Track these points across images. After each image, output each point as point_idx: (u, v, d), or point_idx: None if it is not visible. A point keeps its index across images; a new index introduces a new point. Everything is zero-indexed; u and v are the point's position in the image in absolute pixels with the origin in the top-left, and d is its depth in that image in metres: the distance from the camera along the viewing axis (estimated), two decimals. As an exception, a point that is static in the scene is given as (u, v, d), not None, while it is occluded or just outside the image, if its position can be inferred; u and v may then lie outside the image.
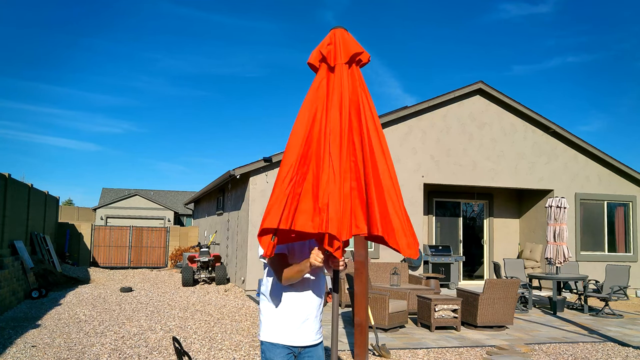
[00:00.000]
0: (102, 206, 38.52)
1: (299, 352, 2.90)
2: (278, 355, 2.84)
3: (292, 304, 2.86)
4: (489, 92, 13.82)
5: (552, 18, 72.26)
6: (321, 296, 2.95)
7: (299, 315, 2.85)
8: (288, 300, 2.86)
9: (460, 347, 7.09)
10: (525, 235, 15.23)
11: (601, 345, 7.48)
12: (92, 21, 74.50)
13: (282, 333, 2.85)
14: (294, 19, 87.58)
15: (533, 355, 6.75)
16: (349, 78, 2.74)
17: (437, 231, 14.99)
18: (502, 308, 8.33)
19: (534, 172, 14.16)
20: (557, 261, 10.71)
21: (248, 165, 12.14)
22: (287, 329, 2.85)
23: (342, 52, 2.73)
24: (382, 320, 7.74)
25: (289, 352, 2.87)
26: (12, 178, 12.04)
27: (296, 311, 2.85)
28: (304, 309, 2.86)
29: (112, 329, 7.84)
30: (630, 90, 77.74)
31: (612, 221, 14.96)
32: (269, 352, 2.86)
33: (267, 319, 2.92)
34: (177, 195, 47.44)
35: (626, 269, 10.37)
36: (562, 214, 10.85)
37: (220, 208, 16.75)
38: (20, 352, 6.31)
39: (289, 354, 2.86)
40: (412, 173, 13.22)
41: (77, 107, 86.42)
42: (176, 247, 21.11)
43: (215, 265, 14.14)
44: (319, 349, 2.97)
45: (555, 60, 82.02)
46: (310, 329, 2.88)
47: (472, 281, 14.98)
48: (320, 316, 2.97)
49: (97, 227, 20.68)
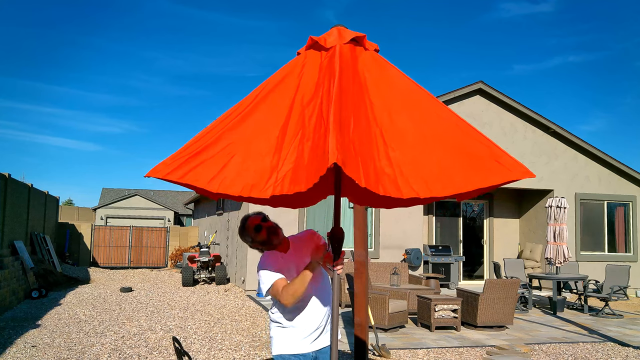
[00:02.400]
0: (102, 206, 38.50)
1: (313, 356, 2.93)
2: None
3: (303, 315, 2.87)
4: (489, 92, 13.82)
5: (553, 17, 72.24)
6: (329, 300, 2.94)
7: (311, 325, 2.88)
8: (299, 312, 2.87)
9: (460, 347, 7.09)
10: (525, 235, 15.23)
11: (601, 345, 7.48)
12: (91, 20, 74.49)
13: (296, 344, 2.88)
14: (294, 17, 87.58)
15: (533, 355, 6.75)
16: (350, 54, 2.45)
17: (437, 231, 14.99)
18: (502, 308, 8.33)
19: (534, 172, 14.14)
20: (557, 261, 10.71)
21: (248, 165, 12.12)
22: (300, 339, 2.88)
23: (337, 36, 2.51)
24: (382, 320, 7.74)
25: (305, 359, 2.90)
26: (12, 178, 12.04)
27: (308, 321, 2.87)
28: (315, 318, 2.88)
29: (112, 329, 7.84)
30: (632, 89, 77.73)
31: (612, 221, 14.95)
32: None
33: (279, 334, 2.93)
34: (177, 195, 47.42)
35: (626, 269, 10.36)
36: (562, 214, 10.85)
37: (220, 208, 16.74)
38: (20, 352, 6.31)
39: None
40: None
41: (77, 106, 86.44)
42: (176, 247, 21.10)
43: (215, 265, 14.14)
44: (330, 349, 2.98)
45: (556, 60, 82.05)
46: (322, 332, 2.92)
47: (472, 281, 14.97)
48: (329, 318, 2.97)
49: (97, 227, 20.67)
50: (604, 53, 77.03)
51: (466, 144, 2.28)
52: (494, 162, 2.19)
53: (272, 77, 2.59)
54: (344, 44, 2.47)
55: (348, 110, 2.25)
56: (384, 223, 12.93)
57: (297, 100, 2.39)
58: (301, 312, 2.87)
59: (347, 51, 2.45)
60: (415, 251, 12.89)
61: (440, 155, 2.21)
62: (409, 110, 2.40)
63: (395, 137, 2.26)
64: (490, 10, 77.28)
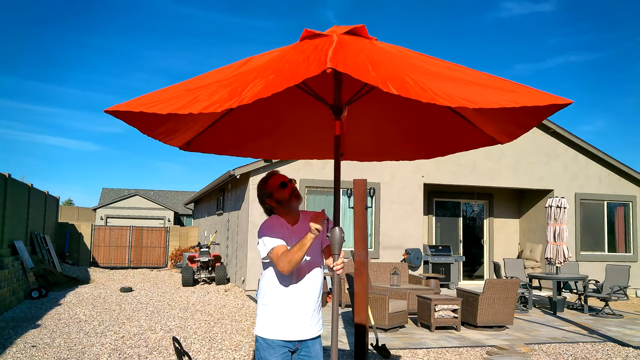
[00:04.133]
0: (102, 206, 38.48)
1: (295, 347, 2.85)
2: (272, 355, 2.77)
3: (290, 298, 2.80)
4: (489, 92, 13.79)
5: (555, 16, 72.23)
6: (319, 290, 2.89)
7: (297, 310, 2.80)
8: (286, 294, 2.81)
9: (460, 347, 7.09)
10: (525, 235, 15.23)
11: (601, 345, 7.48)
12: (91, 19, 74.48)
13: (279, 328, 2.79)
14: (294, 17, 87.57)
15: (533, 355, 6.75)
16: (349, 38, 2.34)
17: (437, 231, 14.99)
18: (502, 308, 8.32)
19: (534, 172, 14.15)
20: (557, 261, 10.70)
21: (248, 165, 12.14)
22: (284, 323, 2.79)
23: (334, 28, 2.46)
24: (382, 320, 7.74)
25: (285, 349, 2.80)
26: (12, 178, 12.04)
27: (294, 305, 2.80)
28: (302, 303, 2.81)
29: (112, 329, 7.84)
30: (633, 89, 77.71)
31: (612, 221, 14.95)
32: (263, 351, 2.80)
33: (263, 314, 2.85)
34: (177, 195, 47.41)
35: (626, 269, 10.36)
36: (562, 214, 10.85)
37: (220, 208, 16.74)
38: (20, 352, 6.31)
39: (284, 353, 2.80)
40: (412, 173, 13.22)
41: (77, 106, 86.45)
42: (176, 247, 21.10)
43: (215, 265, 14.14)
44: (317, 343, 2.90)
45: (557, 59, 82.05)
46: (308, 323, 2.83)
47: (472, 281, 14.97)
48: (319, 310, 2.91)
49: (97, 227, 20.67)
50: (605, 53, 77.08)
51: (500, 81, 2.21)
52: (531, 90, 2.13)
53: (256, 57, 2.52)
54: (342, 33, 2.41)
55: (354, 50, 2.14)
56: (384, 223, 12.93)
57: None
58: (289, 295, 2.80)
59: (346, 37, 2.38)
60: (415, 251, 12.89)
61: (470, 87, 2.08)
62: (430, 65, 2.29)
63: (417, 70, 2.12)
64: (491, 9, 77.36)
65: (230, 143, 3.60)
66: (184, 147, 3.42)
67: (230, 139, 3.55)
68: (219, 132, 3.40)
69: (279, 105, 3.27)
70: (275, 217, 2.89)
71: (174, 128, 2.95)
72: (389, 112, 3.36)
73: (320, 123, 3.40)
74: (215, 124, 3.33)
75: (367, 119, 3.47)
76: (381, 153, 3.88)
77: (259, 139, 3.64)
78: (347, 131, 3.46)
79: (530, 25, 76.30)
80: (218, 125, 3.36)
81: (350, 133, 3.53)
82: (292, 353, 2.86)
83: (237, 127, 3.42)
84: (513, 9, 72.69)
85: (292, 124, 3.54)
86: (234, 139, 3.56)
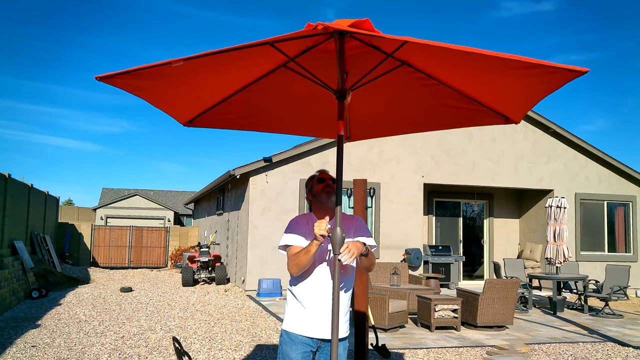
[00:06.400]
0: (102, 206, 38.48)
1: (318, 345, 2.83)
2: (294, 350, 2.77)
3: (312, 295, 2.80)
4: (489, 92, 13.79)
5: (555, 16, 72.23)
6: (348, 292, 2.87)
7: (319, 307, 2.79)
8: (309, 290, 2.81)
9: (460, 347, 7.09)
10: (525, 235, 15.23)
11: (601, 345, 7.48)
12: (91, 19, 74.49)
13: (300, 323, 2.79)
14: (294, 16, 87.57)
15: (533, 355, 6.75)
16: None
17: (437, 231, 14.99)
18: (502, 308, 8.32)
19: (534, 172, 14.16)
20: (557, 261, 10.71)
21: (248, 165, 12.14)
22: (305, 319, 2.79)
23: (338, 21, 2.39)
24: (382, 320, 7.74)
25: (307, 347, 2.79)
26: (12, 178, 12.04)
27: (319, 303, 2.79)
28: (325, 301, 2.79)
29: (112, 329, 7.84)
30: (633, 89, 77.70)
31: (612, 221, 14.95)
32: (285, 346, 2.81)
33: (288, 308, 2.89)
34: (177, 195, 47.41)
35: (626, 269, 10.36)
36: (562, 214, 10.85)
37: (220, 208, 16.74)
38: (20, 352, 6.31)
39: (305, 352, 2.79)
40: (412, 173, 13.22)
41: (77, 106, 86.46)
42: (176, 247, 21.10)
43: (215, 265, 14.14)
44: (340, 346, 2.84)
45: (557, 59, 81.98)
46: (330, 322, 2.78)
47: (472, 281, 14.97)
48: (347, 312, 2.89)
49: (97, 227, 20.67)
50: (605, 52, 77.11)
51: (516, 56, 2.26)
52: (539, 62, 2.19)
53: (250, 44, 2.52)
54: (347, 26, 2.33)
55: None
56: (384, 223, 12.93)
57: None
58: (311, 291, 2.80)
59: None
60: (415, 251, 12.89)
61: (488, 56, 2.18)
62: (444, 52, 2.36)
63: None
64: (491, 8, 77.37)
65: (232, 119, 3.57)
66: (187, 124, 3.45)
67: (233, 115, 3.52)
68: (224, 109, 3.38)
69: (283, 84, 3.23)
70: (304, 215, 2.93)
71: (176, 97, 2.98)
72: (398, 89, 3.27)
73: (323, 100, 3.34)
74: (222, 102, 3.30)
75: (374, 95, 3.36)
76: (390, 128, 3.82)
77: (261, 114, 3.62)
78: (352, 107, 3.44)
79: (531, 24, 76.33)
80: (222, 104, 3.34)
81: (357, 110, 3.49)
82: (314, 353, 2.84)
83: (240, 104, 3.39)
84: (514, 9, 72.74)
85: (295, 100, 3.49)
86: (237, 115, 3.53)
